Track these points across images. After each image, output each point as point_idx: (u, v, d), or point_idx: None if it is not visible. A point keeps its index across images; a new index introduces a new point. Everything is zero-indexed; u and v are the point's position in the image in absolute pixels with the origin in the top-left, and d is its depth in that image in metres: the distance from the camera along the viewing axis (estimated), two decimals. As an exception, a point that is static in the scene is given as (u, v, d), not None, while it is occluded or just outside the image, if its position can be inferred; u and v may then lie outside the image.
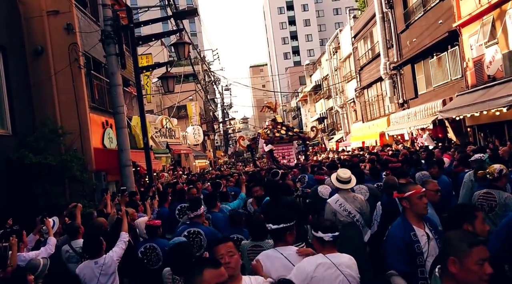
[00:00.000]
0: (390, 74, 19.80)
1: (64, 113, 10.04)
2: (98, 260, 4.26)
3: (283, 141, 12.87)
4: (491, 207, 4.23)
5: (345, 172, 5.13)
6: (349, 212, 4.91)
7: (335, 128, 34.77)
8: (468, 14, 12.89)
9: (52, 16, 10.16)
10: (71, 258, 5.02)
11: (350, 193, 5.07)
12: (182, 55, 10.01)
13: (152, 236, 4.92)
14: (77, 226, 5.24)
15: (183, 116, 31.90)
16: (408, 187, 3.36)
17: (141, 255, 4.83)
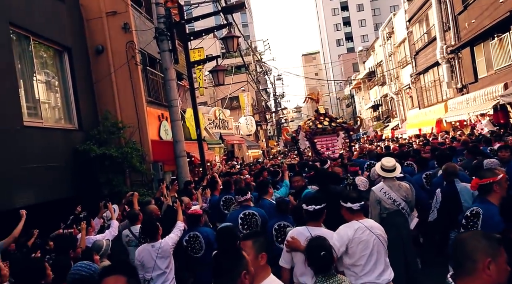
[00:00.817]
0: (448, 58, 19.02)
1: (123, 107, 10.68)
2: (154, 244, 4.55)
3: (327, 132, 12.68)
4: None
5: (389, 161, 5.12)
6: (394, 200, 4.92)
7: (390, 115, 33.90)
8: (531, -9, 12.14)
9: (110, 16, 10.78)
10: (131, 242, 5.47)
11: (395, 181, 5.06)
12: (231, 48, 10.27)
13: (194, 225, 5.13)
14: (136, 213, 5.68)
15: (235, 107, 32.45)
16: (493, 172, 3.55)
17: (186, 243, 5.03)
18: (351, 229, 3.59)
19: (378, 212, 4.97)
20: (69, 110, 9.59)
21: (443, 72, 19.71)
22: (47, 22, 8.76)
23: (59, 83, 9.48)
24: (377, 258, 3.57)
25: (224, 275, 2.03)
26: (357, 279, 3.55)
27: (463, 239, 1.86)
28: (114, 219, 5.95)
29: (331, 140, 12.72)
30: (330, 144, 12.60)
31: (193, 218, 5.14)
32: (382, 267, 3.60)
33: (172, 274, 4.62)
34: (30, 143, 7.60)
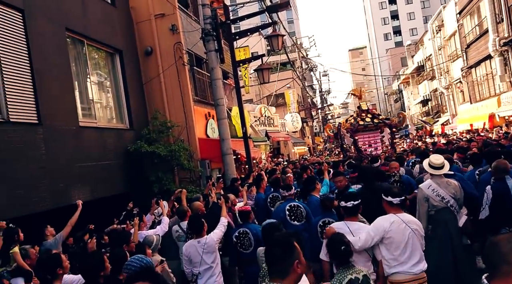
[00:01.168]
0: (501, 51, 18.16)
1: (172, 106, 11.05)
2: (200, 239, 4.73)
3: (369, 129, 12.43)
4: None
5: (437, 158, 5.11)
6: (443, 197, 4.87)
7: (440, 110, 32.78)
8: None
9: (159, 18, 11.19)
10: (180, 237, 5.73)
11: (443, 179, 5.01)
12: (276, 47, 10.37)
13: (244, 221, 5.25)
14: (185, 209, 5.93)
15: (281, 104, 32.50)
16: None
17: (235, 239, 5.17)
18: (387, 222, 3.85)
19: (426, 210, 4.96)
20: (120, 110, 10.07)
21: (496, 65, 18.83)
22: (99, 26, 9.24)
23: (111, 84, 9.97)
24: (412, 250, 3.81)
25: (278, 264, 2.16)
26: (391, 268, 3.83)
27: (499, 241, 1.82)
28: (165, 215, 6.24)
29: (373, 137, 12.49)
30: (373, 140, 12.37)
31: (242, 214, 5.28)
32: (417, 259, 3.83)
33: (218, 269, 4.78)
34: (85, 143, 8.08)
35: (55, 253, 4.07)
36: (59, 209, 6.63)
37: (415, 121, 41.45)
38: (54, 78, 7.47)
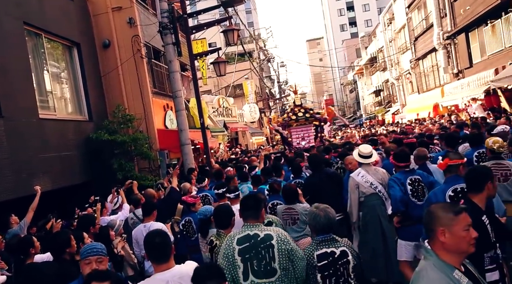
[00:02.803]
0: (444, 44, 19.44)
1: (130, 98, 11.30)
2: (147, 224, 5.09)
3: (301, 123, 13.14)
4: (506, 176, 4.57)
5: (366, 148, 5.58)
6: (371, 183, 5.26)
7: (391, 100, 34.33)
8: (520, -20, 12.54)
9: (116, 12, 11.35)
10: (135, 224, 6.13)
11: (371, 167, 5.49)
12: (231, 41, 10.80)
13: (189, 210, 5.51)
14: (138, 198, 6.37)
15: (239, 94, 32.92)
16: (460, 155, 4.14)
17: (182, 227, 5.49)
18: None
19: (357, 197, 5.35)
20: (79, 102, 10.24)
21: (440, 58, 20.12)
22: (57, 19, 9.35)
23: (69, 77, 10.11)
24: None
25: (251, 210, 3.24)
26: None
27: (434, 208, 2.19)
28: (125, 202, 6.63)
29: (306, 130, 13.17)
30: (306, 134, 13.06)
31: (186, 205, 5.57)
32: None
33: None
34: (46, 134, 8.27)
35: (26, 235, 4.42)
36: (22, 199, 6.86)
37: (368, 111, 43.12)
38: (13, 72, 7.62)
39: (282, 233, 3.16)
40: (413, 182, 4.74)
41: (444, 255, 2.08)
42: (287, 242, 3.08)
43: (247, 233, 3.12)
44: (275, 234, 3.10)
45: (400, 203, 4.68)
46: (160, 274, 2.73)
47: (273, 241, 3.06)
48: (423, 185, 4.73)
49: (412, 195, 4.70)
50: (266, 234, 3.09)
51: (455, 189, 3.85)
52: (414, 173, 4.83)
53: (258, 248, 3.05)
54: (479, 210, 3.10)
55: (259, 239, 3.07)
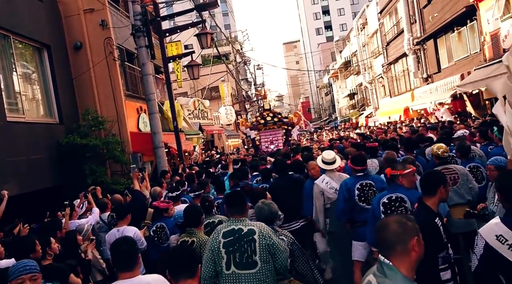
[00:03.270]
0: (414, 49, 20.00)
1: (103, 101, 11.21)
2: (120, 228, 5.06)
3: (270, 128, 13.38)
4: (454, 180, 4.81)
5: (329, 154, 5.68)
6: (336, 189, 5.27)
7: (364, 103, 34.96)
8: (484, -11, 13.05)
9: (88, 13, 11.25)
10: (102, 228, 6.15)
11: (335, 173, 5.54)
12: (205, 44, 10.91)
13: (160, 216, 5.37)
14: (105, 202, 6.37)
15: (215, 97, 32.89)
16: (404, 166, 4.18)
17: (153, 233, 5.30)
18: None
19: (322, 203, 5.41)
20: (49, 105, 10.10)
21: (411, 63, 20.67)
22: (26, 21, 9.22)
23: (39, 79, 9.96)
24: None
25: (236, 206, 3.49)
26: None
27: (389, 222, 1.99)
28: (94, 206, 6.62)
29: (275, 135, 13.40)
30: (274, 138, 13.30)
31: (157, 210, 5.42)
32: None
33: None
34: (14, 137, 8.14)
35: None
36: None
37: (343, 113, 43.74)
38: (-20, 74, 7.50)
39: (265, 228, 3.40)
40: (363, 187, 4.85)
41: (408, 271, 1.92)
42: (269, 237, 3.32)
43: (232, 227, 3.37)
44: (257, 229, 3.34)
45: (341, 213, 4.94)
46: (120, 282, 2.74)
47: (255, 236, 3.30)
48: (375, 190, 4.79)
49: (360, 199, 4.81)
50: (249, 229, 3.34)
51: (390, 197, 4.05)
52: (367, 178, 4.93)
53: (242, 242, 3.29)
54: (433, 213, 3.25)
55: (243, 234, 3.32)
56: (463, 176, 4.86)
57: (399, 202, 3.99)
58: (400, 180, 4.03)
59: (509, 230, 2.64)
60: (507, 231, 2.65)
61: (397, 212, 3.94)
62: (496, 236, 2.67)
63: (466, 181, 4.84)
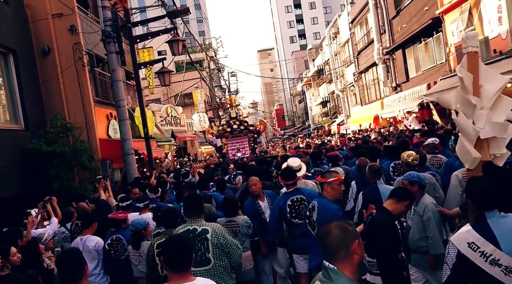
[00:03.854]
0: (384, 59, 20.47)
1: (71, 107, 11.04)
2: (83, 237, 4.93)
3: (236, 135, 13.54)
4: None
5: (294, 161, 5.69)
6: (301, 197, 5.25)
7: (336, 111, 35.47)
8: (448, 2, 13.54)
9: (57, 18, 11.09)
10: (67, 238, 6.00)
11: (302, 180, 5.49)
12: (176, 51, 10.85)
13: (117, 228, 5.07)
14: (71, 211, 6.25)
15: (188, 103, 32.76)
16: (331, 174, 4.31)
17: (108, 247, 4.91)
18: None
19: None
20: (15, 111, 9.85)
21: (380, 72, 21.16)
22: (-9, 25, 9.01)
23: (4, 85, 9.72)
24: None
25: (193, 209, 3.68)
26: None
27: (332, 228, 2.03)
28: (53, 216, 6.44)
29: (241, 142, 13.55)
30: (241, 146, 13.43)
31: (114, 222, 5.10)
32: None
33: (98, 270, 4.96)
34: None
35: None
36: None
37: (316, 121, 44.26)
38: None
39: (219, 228, 3.63)
40: (293, 203, 4.78)
41: (351, 273, 1.98)
42: (222, 236, 3.54)
43: (187, 228, 3.58)
44: (210, 228, 3.56)
45: (270, 232, 4.97)
46: None
47: (208, 234, 3.52)
48: (306, 205, 4.69)
49: (291, 216, 4.77)
50: (203, 229, 3.55)
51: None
52: (298, 193, 4.84)
53: (195, 240, 3.47)
54: (393, 216, 3.42)
55: (197, 233, 3.53)
56: (431, 185, 4.94)
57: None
58: (325, 188, 4.19)
59: (481, 237, 2.63)
60: (478, 238, 2.64)
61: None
62: (468, 244, 2.65)
63: (433, 191, 4.95)
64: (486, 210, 2.74)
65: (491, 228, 2.66)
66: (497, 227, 2.65)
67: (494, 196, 2.77)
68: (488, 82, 3.59)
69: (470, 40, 3.63)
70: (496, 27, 11.49)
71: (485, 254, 2.60)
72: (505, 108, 3.60)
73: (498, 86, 3.58)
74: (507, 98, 3.65)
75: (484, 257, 2.59)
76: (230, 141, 13.50)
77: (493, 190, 2.79)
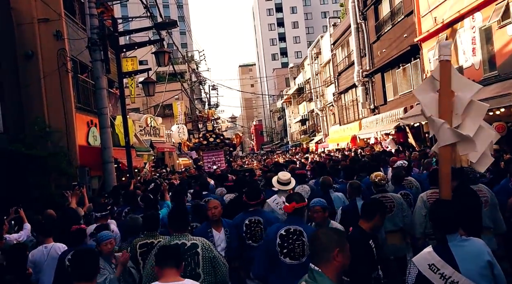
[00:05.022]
0: (363, 81, 21.04)
1: (52, 112, 10.95)
2: (47, 245, 4.70)
3: (212, 148, 13.75)
4: (390, 208, 5.09)
5: (284, 175, 5.81)
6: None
7: (315, 130, 35.98)
8: (426, 31, 14.13)
9: (42, 23, 11.05)
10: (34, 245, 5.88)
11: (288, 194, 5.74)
12: (162, 63, 10.99)
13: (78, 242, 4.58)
14: (38, 219, 6.19)
15: (168, 114, 32.68)
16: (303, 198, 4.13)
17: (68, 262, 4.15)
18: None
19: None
20: (-6, 113, 9.75)
21: (359, 94, 21.70)
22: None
23: (-16, 86, 9.63)
24: None
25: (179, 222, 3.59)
26: None
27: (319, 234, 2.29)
28: (26, 222, 6.36)
29: (217, 155, 13.74)
30: (217, 159, 13.63)
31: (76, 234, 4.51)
32: None
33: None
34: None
35: None
36: None
37: (294, 138, 44.68)
38: None
39: (206, 242, 3.58)
40: (251, 223, 4.58)
41: (334, 277, 2.16)
42: (211, 250, 3.51)
43: (175, 242, 3.46)
44: (200, 243, 3.51)
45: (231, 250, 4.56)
46: None
47: (199, 249, 3.47)
48: (262, 228, 4.53)
49: (246, 236, 4.54)
50: (192, 243, 3.49)
51: (288, 229, 3.82)
52: (257, 214, 4.62)
53: (185, 255, 3.38)
54: (367, 235, 3.46)
55: (186, 248, 3.45)
56: (399, 205, 5.18)
57: (297, 235, 3.78)
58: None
59: (441, 260, 2.71)
60: (439, 260, 2.72)
61: (294, 245, 3.75)
62: (429, 265, 2.73)
63: (401, 210, 5.17)
64: (448, 233, 2.82)
65: (452, 251, 2.75)
66: (457, 250, 2.75)
67: (456, 219, 2.85)
68: (461, 89, 3.70)
69: (443, 49, 3.76)
70: (470, 58, 12.06)
71: (444, 276, 2.68)
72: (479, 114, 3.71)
73: (471, 93, 3.68)
74: (481, 104, 3.76)
75: (443, 279, 2.68)
76: (206, 153, 13.67)
77: (456, 214, 2.86)
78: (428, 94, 3.80)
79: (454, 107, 3.65)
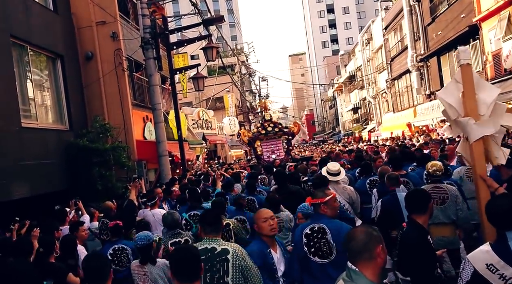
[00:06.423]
0: (417, 66, 20.29)
1: (111, 110, 11.60)
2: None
3: (271, 138, 13.69)
4: (443, 199, 4.89)
5: (334, 165, 5.66)
6: (338, 201, 4.89)
7: (368, 118, 35.21)
8: (486, 10, 13.38)
9: (100, 25, 11.70)
10: (89, 236, 6.18)
11: (340, 185, 5.47)
12: (210, 58, 11.24)
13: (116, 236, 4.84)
14: (92, 211, 6.61)
15: (220, 107, 33.30)
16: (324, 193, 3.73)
17: (111, 256, 4.64)
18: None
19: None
20: (61, 112, 10.47)
21: (414, 79, 20.97)
22: (42, 32, 9.62)
23: (51, 87, 10.33)
24: None
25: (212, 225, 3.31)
26: None
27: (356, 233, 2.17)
28: (84, 213, 6.81)
29: (276, 144, 13.73)
30: (276, 148, 13.62)
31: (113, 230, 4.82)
32: None
33: None
34: (26, 142, 8.48)
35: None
36: (1, 204, 7.08)
37: (346, 127, 43.99)
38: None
39: (239, 248, 3.21)
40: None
41: (373, 276, 2.07)
42: (243, 258, 3.13)
43: (205, 246, 3.19)
44: (231, 249, 3.16)
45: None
46: None
47: (229, 255, 3.11)
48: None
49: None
50: (223, 249, 3.16)
51: (312, 228, 3.58)
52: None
53: (214, 261, 3.11)
54: (425, 231, 3.20)
55: (216, 253, 3.14)
56: (453, 197, 4.93)
57: (321, 233, 3.51)
58: (322, 209, 3.61)
59: (500, 260, 2.50)
60: (498, 260, 2.51)
61: (320, 244, 3.50)
62: (486, 265, 2.54)
63: (455, 203, 4.92)
64: (507, 230, 2.56)
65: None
66: None
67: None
68: (482, 91, 3.76)
69: (462, 54, 3.79)
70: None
71: (504, 277, 2.48)
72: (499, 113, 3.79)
73: (492, 96, 3.76)
74: (500, 104, 3.85)
75: (503, 279, 2.48)
76: (265, 143, 13.75)
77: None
78: (453, 97, 3.83)
79: (479, 109, 3.72)
